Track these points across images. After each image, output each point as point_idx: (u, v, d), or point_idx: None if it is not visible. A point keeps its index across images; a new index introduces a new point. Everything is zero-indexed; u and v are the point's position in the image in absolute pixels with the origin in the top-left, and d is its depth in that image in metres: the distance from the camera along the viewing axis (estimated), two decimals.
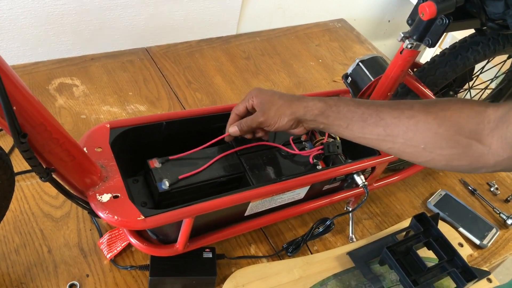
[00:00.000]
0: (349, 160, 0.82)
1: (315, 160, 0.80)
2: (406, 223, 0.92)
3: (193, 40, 1.30)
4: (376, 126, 0.66)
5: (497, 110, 0.58)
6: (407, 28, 0.75)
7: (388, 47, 1.88)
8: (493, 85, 1.18)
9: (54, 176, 0.59)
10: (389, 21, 1.77)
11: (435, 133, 0.61)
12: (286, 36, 1.43)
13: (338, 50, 1.44)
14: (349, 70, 0.92)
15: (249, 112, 0.75)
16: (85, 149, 0.67)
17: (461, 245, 0.93)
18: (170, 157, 0.74)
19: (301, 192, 0.79)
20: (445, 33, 0.72)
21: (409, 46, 0.73)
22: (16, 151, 0.89)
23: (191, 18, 1.25)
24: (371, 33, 1.75)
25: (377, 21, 1.75)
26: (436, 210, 0.98)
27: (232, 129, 0.75)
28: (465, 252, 0.92)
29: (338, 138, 0.84)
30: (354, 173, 0.81)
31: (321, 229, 0.86)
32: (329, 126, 0.70)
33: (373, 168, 0.85)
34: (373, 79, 0.87)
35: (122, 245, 0.77)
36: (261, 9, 1.38)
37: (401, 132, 0.64)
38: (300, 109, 0.70)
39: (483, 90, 1.14)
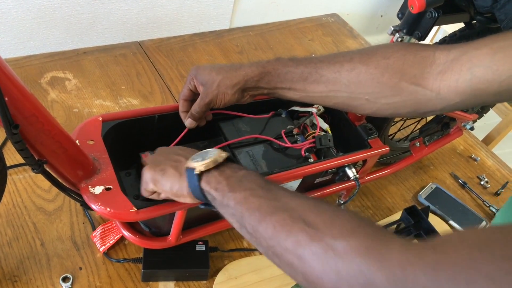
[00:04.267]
0: (341, 153, 0.82)
1: (307, 153, 0.81)
2: (397, 216, 0.93)
3: (186, 34, 1.30)
4: (318, 84, 0.64)
5: (449, 52, 0.56)
6: (399, 22, 0.76)
7: (381, 42, 1.89)
8: None
9: (46, 168, 0.59)
10: (381, 16, 1.78)
11: (378, 82, 0.60)
12: (279, 30, 1.43)
13: (331, 44, 1.44)
14: None
15: (194, 93, 0.73)
16: (77, 141, 0.67)
17: None
18: None
19: (293, 185, 0.80)
20: (436, 27, 0.72)
21: (399, 39, 0.74)
22: (9, 144, 0.89)
23: (184, 12, 1.25)
24: (364, 27, 1.76)
25: (370, 16, 1.76)
26: (427, 203, 0.99)
27: (188, 122, 0.73)
28: None
29: (329, 131, 0.85)
30: (346, 166, 0.82)
31: None
32: (272, 90, 0.69)
33: (364, 161, 0.86)
34: None
35: (115, 238, 0.78)
36: (255, 3, 1.38)
37: (343, 86, 0.62)
38: (239, 79, 0.68)
39: None
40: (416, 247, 0.39)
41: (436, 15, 0.68)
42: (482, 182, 1.10)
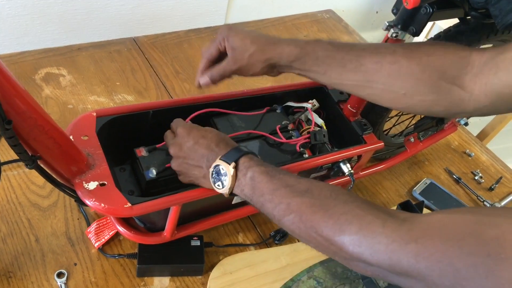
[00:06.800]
0: (336, 149, 0.82)
1: (302, 149, 0.81)
2: None
3: (181, 30, 1.30)
4: (355, 72, 0.64)
5: (483, 55, 0.57)
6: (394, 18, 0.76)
7: (376, 38, 1.89)
8: None
9: (40, 163, 0.59)
10: (377, 12, 1.78)
11: (418, 78, 0.60)
12: (274, 26, 1.43)
13: None
14: None
15: (221, 54, 0.71)
16: (71, 137, 0.67)
17: None
18: (157, 145, 0.74)
19: None
20: (432, 23, 0.72)
21: (393, 35, 0.74)
22: (2, 141, 0.89)
23: (179, 7, 1.25)
24: (359, 24, 1.76)
25: (365, 12, 1.76)
26: (421, 198, 1.00)
27: (203, 80, 0.71)
28: None
29: (324, 127, 0.85)
30: (340, 162, 0.82)
31: None
32: (305, 72, 0.68)
33: (359, 157, 0.86)
34: None
35: (110, 234, 0.78)
36: None
37: (382, 78, 0.62)
38: (274, 55, 0.67)
39: None
40: (401, 239, 0.46)
41: (431, 10, 0.68)
42: (476, 177, 1.10)
